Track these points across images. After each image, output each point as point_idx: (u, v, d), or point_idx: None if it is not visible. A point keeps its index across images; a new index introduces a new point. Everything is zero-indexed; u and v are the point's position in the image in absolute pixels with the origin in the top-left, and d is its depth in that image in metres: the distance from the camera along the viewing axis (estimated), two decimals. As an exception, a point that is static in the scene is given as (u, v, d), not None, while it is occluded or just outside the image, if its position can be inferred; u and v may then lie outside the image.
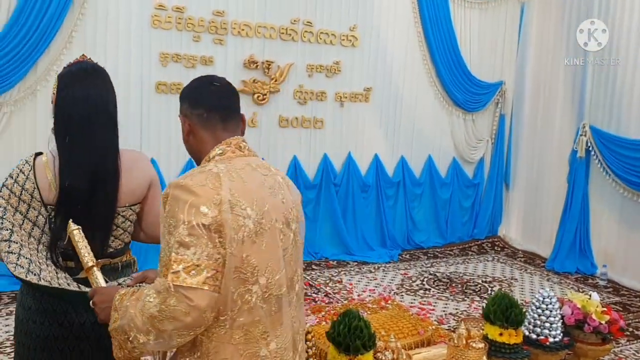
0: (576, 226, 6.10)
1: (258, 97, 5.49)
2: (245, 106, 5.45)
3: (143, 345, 1.49)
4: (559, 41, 6.40)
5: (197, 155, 1.74)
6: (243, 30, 5.34)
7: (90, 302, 1.68)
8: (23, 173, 1.90)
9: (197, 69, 5.19)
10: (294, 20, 5.56)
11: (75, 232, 1.84)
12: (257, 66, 5.45)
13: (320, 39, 5.72)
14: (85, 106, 1.94)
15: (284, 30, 5.52)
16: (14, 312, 1.98)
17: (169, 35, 5.07)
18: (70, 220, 1.85)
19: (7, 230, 1.82)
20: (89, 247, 1.84)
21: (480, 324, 3.73)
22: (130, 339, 1.49)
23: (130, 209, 2.01)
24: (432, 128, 6.59)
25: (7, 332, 3.84)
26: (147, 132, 5.06)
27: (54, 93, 1.96)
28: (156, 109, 5.08)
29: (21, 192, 1.87)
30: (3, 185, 1.88)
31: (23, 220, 1.86)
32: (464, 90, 6.58)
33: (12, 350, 3.56)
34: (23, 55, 4.46)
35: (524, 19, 6.83)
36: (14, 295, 4.46)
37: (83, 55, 2.22)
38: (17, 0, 4.42)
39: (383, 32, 6.10)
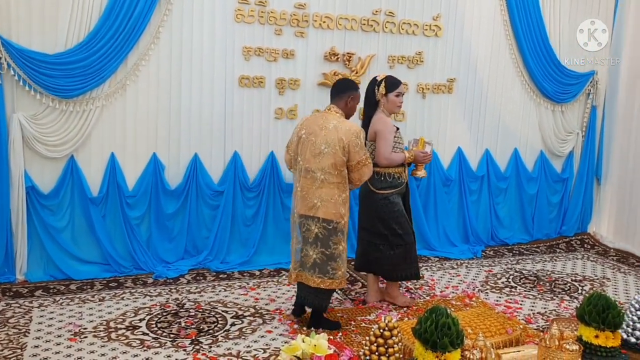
0: (676, 224, 5.70)
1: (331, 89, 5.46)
2: (326, 99, 5.34)
3: None
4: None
5: None
6: (324, 22, 5.32)
7: None
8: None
9: (278, 62, 5.23)
10: (376, 11, 5.49)
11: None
12: (337, 58, 5.42)
13: (403, 29, 5.62)
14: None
15: (365, 21, 5.46)
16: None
17: (252, 29, 5.12)
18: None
19: None
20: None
21: (573, 325, 3.56)
22: None
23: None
24: (519, 120, 6.34)
25: (100, 317, 4.01)
26: (231, 125, 5.15)
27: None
28: (239, 102, 5.15)
29: None
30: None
31: None
32: (553, 80, 6.28)
33: (106, 334, 3.72)
34: (113, 51, 4.62)
35: (618, 6, 6.43)
36: (105, 282, 4.68)
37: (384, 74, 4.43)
38: (108, -2, 4.60)
39: (468, 21, 5.91)
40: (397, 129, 4.29)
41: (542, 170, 6.51)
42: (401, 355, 2.69)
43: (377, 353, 2.59)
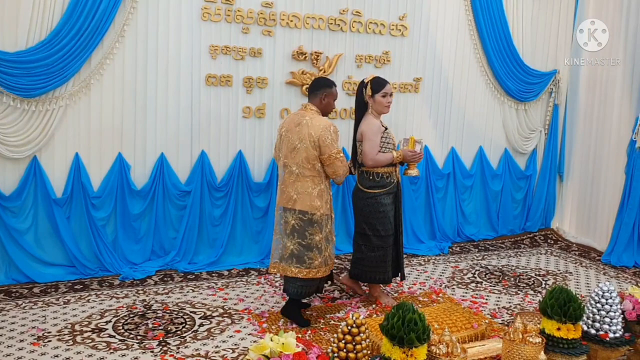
0: (635, 219, 5.87)
1: (307, 88, 5.46)
2: (294, 97, 5.46)
3: None
4: (617, 28, 6.15)
5: None
6: (291, 21, 5.33)
7: None
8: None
9: (246, 61, 5.22)
10: (343, 11, 5.52)
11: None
12: (305, 57, 5.43)
13: (370, 29, 5.66)
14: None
15: (332, 20, 5.48)
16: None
17: (219, 27, 5.10)
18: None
19: None
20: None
21: (536, 318, 3.65)
22: None
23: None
24: (483, 118, 6.45)
25: (65, 320, 3.94)
26: (198, 124, 5.12)
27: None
28: (206, 101, 5.12)
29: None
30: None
31: None
32: (516, 79, 6.41)
33: (71, 338, 3.66)
34: (77, 50, 4.55)
35: (579, 6, 6.60)
36: (70, 284, 4.60)
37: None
38: (71, -5, 4.52)
39: (433, 20, 5.99)
40: (386, 129, 4.31)
41: (506, 168, 6.63)
42: (369, 352, 2.72)
43: (345, 350, 2.62)
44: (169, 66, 4.96)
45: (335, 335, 2.65)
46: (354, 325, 2.62)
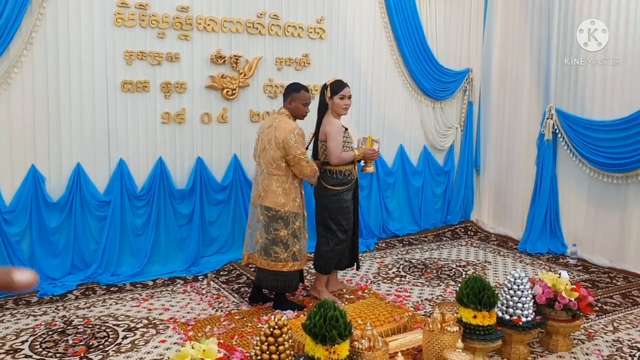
0: (546, 208, 6.21)
1: (227, 92, 5.45)
2: (215, 102, 5.43)
3: None
4: (523, 28, 6.49)
5: None
6: (209, 25, 5.29)
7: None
8: None
9: (163, 66, 5.14)
10: (260, 14, 5.53)
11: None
12: (224, 61, 5.41)
13: (288, 32, 5.71)
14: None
15: (250, 24, 5.49)
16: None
17: (133, 33, 5.00)
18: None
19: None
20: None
21: (455, 308, 3.80)
22: None
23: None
24: (402, 117, 6.64)
25: (-22, 341, 3.76)
26: (115, 131, 4.99)
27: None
28: (123, 108, 5.01)
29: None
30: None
31: None
32: (431, 79, 6.63)
33: (-15, 359, 3.49)
34: (-19, 59, 4.36)
35: (488, 7, 6.90)
36: (-16, 303, 4.38)
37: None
38: (-29, 2, 4.31)
39: (350, 23, 6.11)
40: (346, 129, 4.49)
41: (426, 164, 6.85)
42: (292, 352, 2.75)
43: (268, 352, 2.64)
44: (82, 73, 4.81)
45: (257, 338, 2.67)
46: (276, 326, 2.65)
